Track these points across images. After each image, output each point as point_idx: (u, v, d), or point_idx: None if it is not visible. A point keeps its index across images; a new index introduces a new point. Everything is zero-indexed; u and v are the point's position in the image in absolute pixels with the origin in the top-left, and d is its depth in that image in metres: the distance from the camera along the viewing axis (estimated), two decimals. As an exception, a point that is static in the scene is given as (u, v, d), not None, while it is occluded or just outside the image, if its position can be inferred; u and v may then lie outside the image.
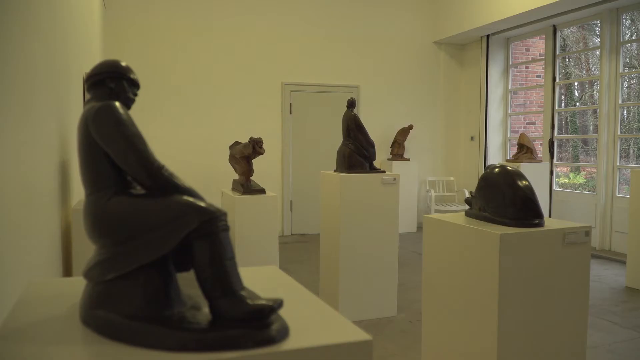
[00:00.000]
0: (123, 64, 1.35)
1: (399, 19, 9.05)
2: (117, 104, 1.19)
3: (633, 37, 10.88)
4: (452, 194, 9.37)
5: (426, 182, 9.27)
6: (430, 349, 2.98)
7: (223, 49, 8.02)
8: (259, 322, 1.02)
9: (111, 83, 1.29)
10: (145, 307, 1.08)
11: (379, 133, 8.53)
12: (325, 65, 8.59)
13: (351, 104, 4.82)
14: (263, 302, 1.04)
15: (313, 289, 5.08)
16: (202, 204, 1.11)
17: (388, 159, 8.77)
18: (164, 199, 1.12)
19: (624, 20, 7.52)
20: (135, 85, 1.36)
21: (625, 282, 5.59)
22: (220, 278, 1.06)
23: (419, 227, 8.50)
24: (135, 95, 1.36)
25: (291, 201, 8.46)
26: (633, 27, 11.23)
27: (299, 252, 7.21)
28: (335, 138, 5.10)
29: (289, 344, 1.00)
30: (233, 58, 8.07)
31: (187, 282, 1.19)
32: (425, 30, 9.24)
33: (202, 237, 1.08)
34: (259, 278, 1.46)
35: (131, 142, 1.14)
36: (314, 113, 8.54)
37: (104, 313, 1.08)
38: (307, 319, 1.14)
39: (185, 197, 1.13)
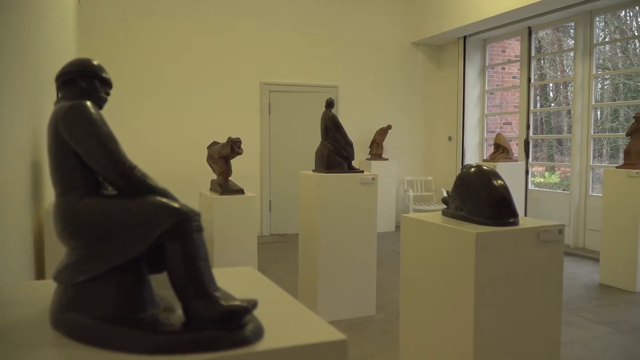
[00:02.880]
0: (95, 62, 1.33)
1: (378, 20, 9.09)
2: (88, 103, 1.17)
3: (606, 39, 11.09)
4: (430, 193, 9.44)
5: (404, 181, 9.33)
6: (408, 348, 3.00)
7: (201, 48, 7.96)
8: (233, 323, 1.01)
9: (82, 82, 1.27)
10: (116, 310, 1.07)
11: (358, 133, 8.55)
12: (304, 66, 8.58)
13: (329, 104, 4.82)
14: (237, 303, 1.03)
15: (292, 289, 5.07)
16: (176, 205, 1.10)
17: (367, 159, 8.80)
18: (136, 200, 1.11)
19: (597, 22, 7.66)
20: (107, 84, 1.34)
21: (599, 280, 5.69)
22: (194, 279, 1.05)
23: (398, 227, 8.54)
24: (108, 94, 1.34)
25: (270, 201, 8.44)
26: (606, 30, 11.46)
27: (278, 252, 7.19)
28: (314, 138, 5.10)
29: (264, 345, 1.00)
30: (211, 57, 8.02)
31: (161, 284, 1.18)
32: (403, 31, 9.30)
33: (175, 238, 1.07)
34: (235, 279, 1.45)
35: (102, 141, 1.12)
36: (292, 113, 8.52)
37: (75, 316, 1.06)
38: (283, 319, 1.13)
39: (158, 198, 1.11)
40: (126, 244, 1.07)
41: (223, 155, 6.00)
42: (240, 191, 5.96)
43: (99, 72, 1.31)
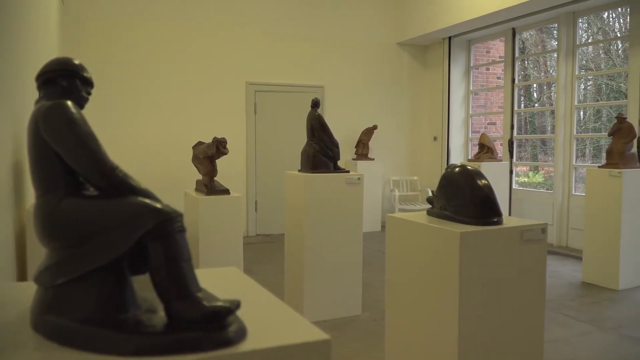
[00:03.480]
0: (76, 61, 1.31)
1: (364, 20, 9.11)
2: (69, 102, 1.16)
3: (589, 40, 11.22)
4: (415, 193, 9.48)
5: (390, 181, 9.36)
6: (394, 347, 3.01)
7: (186, 47, 7.91)
8: (216, 324, 1.01)
9: (63, 81, 1.26)
10: (98, 312, 1.06)
11: (344, 133, 8.56)
12: (290, 65, 8.57)
13: (315, 104, 4.82)
14: (220, 303, 1.03)
15: (278, 290, 5.06)
16: (158, 205, 1.09)
17: (353, 159, 8.81)
18: (118, 200, 1.10)
19: (580, 23, 7.74)
20: (88, 83, 1.32)
21: (582, 278, 5.76)
22: (176, 280, 1.04)
23: (384, 226, 8.57)
24: (89, 94, 1.33)
25: (256, 201, 8.42)
26: (589, 31, 11.60)
27: (264, 252, 7.17)
28: (300, 138, 5.10)
29: (247, 345, 1.00)
30: (196, 57, 7.97)
31: (143, 285, 1.17)
32: (389, 32, 9.33)
33: (157, 239, 1.06)
34: (219, 279, 1.44)
35: (83, 141, 1.11)
36: (278, 113, 8.51)
37: (55, 318, 1.05)
38: (266, 319, 1.13)
39: (140, 198, 1.10)
40: (107, 245, 1.06)
41: (208, 155, 5.97)
42: (226, 191, 5.94)
43: (80, 71, 1.29)
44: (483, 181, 2.65)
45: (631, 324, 4.41)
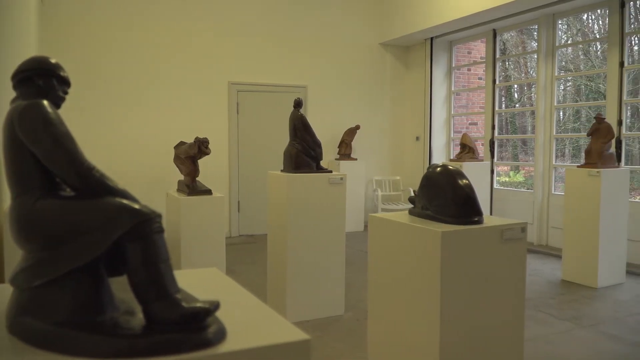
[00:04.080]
0: (52, 60, 1.29)
1: (346, 21, 9.12)
2: (45, 102, 1.14)
3: (569, 42, 11.38)
4: (398, 193, 9.52)
5: (373, 181, 9.39)
6: (376, 346, 3.02)
7: (168, 46, 7.85)
8: (195, 325, 1.00)
9: (39, 80, 1.24)
10: (75, 314, 1.04)
11: (327, 133, 8.56)
12: (272, 65, 8.55)
13: (298, 104, 4.82)
14: (199, 304, 1.02)
15: (261, 290, 5.04)
16: (136, 206, 1.08)
17: (335, 159, 8.82)
18: (95, 201, 1.08)
19: (560, 25, 7.84)
20: (65, 83, 1.30)
21: (562, 276, 5.83)
22: (155, 281, 1.03)
23: (366, 226, 8.57)
24: (66, 93, 1.31)
25: (238, 202, 8.38)
26: (569, 32, 11.76)
27: (247, 253, 7.15)
28: (283, 138, 5.09)
29: (226, 346, 0.99)
30: (178, 56, 7.91)
31: (121, 287, 1.16)
32: (371, 32, 9.36)
33: (135, 240, 1.05)
34: (199, 280, 1.43)
35: (59, 141, 1.10)
36: (261, 113, 8.49)
37: (31, 321, 1.03)
38: (246, 320, 1.12)
39: (118, 199, 1.09)
40: (84, 246, 1.05)
41: (190, 155, 5.93)
42: (208, 192, 5.91)
43: (57, 71, 1.27)
44: (464, 181, 2.66)
45: (610, 321, 4.48)
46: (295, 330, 1.04)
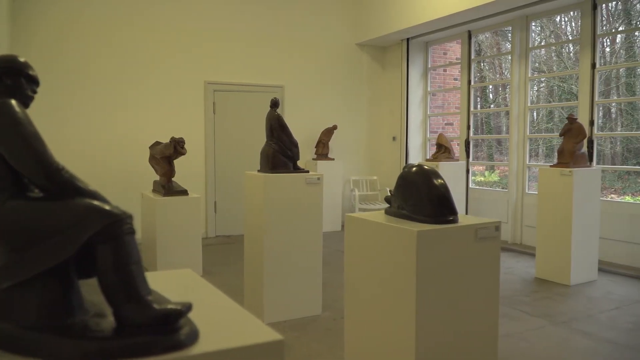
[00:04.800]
0: (21, 59, 1.27)
1: (323, 21, 9.13)
2: (13, 101, 1.12)
3: (542, 43, 11.57)
4: (375, 192, 9.56)
5: (350, 181, 9.42)
6: (353, 345, 3.03)
7: (143, 44, 7.75)
8: (167, 327, 0.99)
9: (7, 79, 1.21)
10: (44, 317, 1.02)
11: (304, 133, 8.55)
12: (249, 65, 8.51)
13: (274, 104, 4.80)
14: (171, 306, 1.01)
15: (238, 291, 5.02)
16: (106, 207, 1.06)
17: (313, 159, 8.82)
18: (64, 202, 1.06)
19: (533, 27, 7.97)
20: (34, 82, 1.28)
21: (535, 274, 5.92)
22: (125, 283, 1.02)
23: (344, 226, 8.61)
24: (35, 92, 1.28)
25: (215, 202, 8.33)
26: (542, 34, 11.96)
27: (224, 254, 7.11)
28: (260, 138, 5.07)
29: (199, 348, 0.98)
30: (153, 54, 7.82)
31: (91, 289, 1.14)
32: (348, 32, 9.38)
33: (105, 241, 1.03)
34: (172, 282, 1.42)
35: (28, 142, 1.07)
36: (238, 113, 8.44)
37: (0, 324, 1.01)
38: (219, 321, 1.12)
39: (87, 200, 1.07)
40: (53, 248, 1.03)
41: (166, 155, 5.89)
42: (184, 192, 5.87)
43: (25, 69, 1.25)
44: (439, 180, 2.69)
45: (582, 318, 4.57)
46: (269, 331, 1.04)
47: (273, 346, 1.00)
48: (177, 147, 5.83)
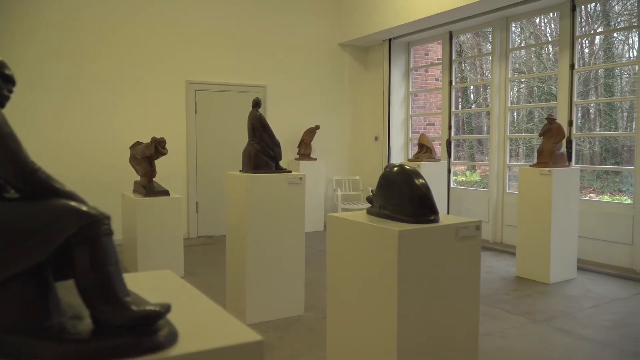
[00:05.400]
0: (-4, 58, 1.24)
1: (305, 21, 9.13)
2: (-12, 101, 1.10)
3: (522, 45, 11.69)
4: (358, 192, 9.59)
5: (333, 181, 9.43)
6: (335, 345, 3.04)
7: (123, 43, 7.67)
8: (145, 328, 0.98)
9: (-18, 79, 1.19)
10: (20, 319, 1.01)
11: (286, 133, 8.55)
12: (231, 65, 8.48)
13: (256, 104, 4.79)
14: (149, 307, 1.00)
15: (220, 292, 4.99)
16: (83, 207, 1.05)
17: (295, 159, 8.82)
18: (40, 203, 1.05)
19: (513, 28, 8.04)
20: (10, 81, 1.26)
21: (516, 272, 5.99)
22: (103, 284, 1.01)
23: (326, 226, 8.61)
24: (11, 92, 1.26)
25: (197, 202, 8.28)
26: (522, 35, 12.09)
27: (206, 254, 7.07)
28: (242, 138, 5.05)
29: (177, 349, 0.97)
30: (134, 54, 7.75)
31: (69, 291, 1.12)
32: (330, 33, 9.39)
33: (82, 243, 1.02)
34: (152, 283, 1.40)
35: (4, 142, 1.06)
36: (220, 113, 8.40)
37: (-27, 327, 0.99)
38: (199, 322, 1.11)
39: (64, 201, 1.06)
40: (29, 249, 1.01)
41: (147, 155, 5.84)
42: (165, 192, 5.83)
43: (1, 69, 1.23)
44: (420, 180, 2.71)
45: (561, 315, 4.63)
46: (248, 332, 1.04)
47: (253, 347, 1.00)
48: (158, 147, 5.79)
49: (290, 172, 4.70)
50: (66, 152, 7.23)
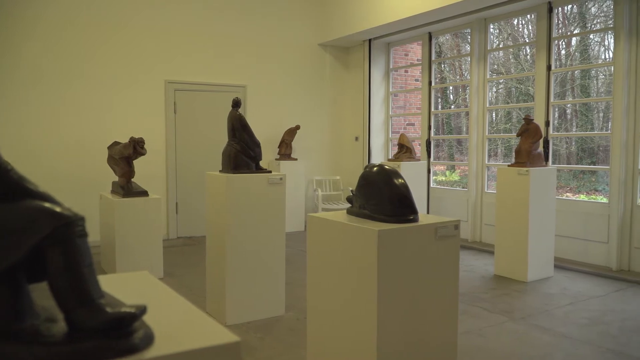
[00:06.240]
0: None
1: (286, 20, 9.11)
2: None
3: (500, 46, 11.83)
4: (338, 192, 9.60)
5: (313, 181, 9.43)
6: (316, 345, 3.04)
7: (100, 42, 7.57)
8: (120, 331, 0.97)
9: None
10: (-9, 322, 0.99)
11: (267, 133, 8.53)
12: (211, 64, 8.42)
13: (236, 104, 4.77)
14: (124, 309, 0.98)
15: (200, 293, 4.97)
16: (56, 209, 1.03)
17: (276, 159, 8.80)
18: (13, 204, 1.03)
19: (492, 29, 8.14)
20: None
21: (494, 271, 6.06)
22: (77, 286, 0.99)
23: (307, 226, 8.61)
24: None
25: (177, 203, 8.21)
26: (500, 36, 12.23)
27: (186, 255, 7.01)
28: (222, 138, 5.03)
29: (153, 351, 0.96)
30: (112, 53, 7.65)
31: (42, 293, 1.10)
32: (311, 32, 9.39)
33: (56, 244, 1.00)
34: (129, 285, 1.39)
35: (-27, 141, 1.03)
36: (199, 113, 8.35)
37: (-58, 331, 0.97)
38: (175, 324, 1.10)
39: (37, 202, 1.04)
40: (1, 252, 0.99)
41: (125, 156, 5.78)
42: (144, 193, 5.77)
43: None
44: (399, 180, 2.72)
45: (538, 313, 4.69)
46: (226, 333, 1.03)
47: (230, 348, 0.99)
48: (136, 147, 5.73)
49: (270, 172, 4.69)
50: (42, 152, 7.12)
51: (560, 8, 7.08)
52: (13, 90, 6.95)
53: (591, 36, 11.25)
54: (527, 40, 12.02)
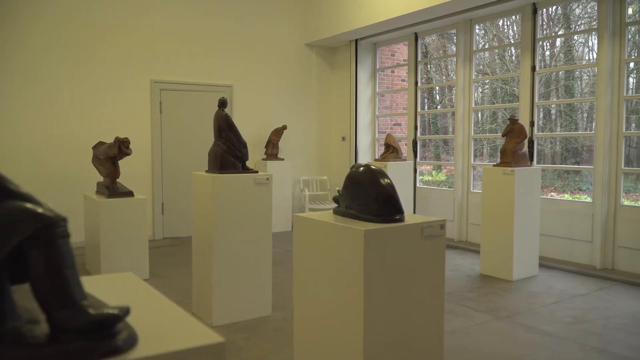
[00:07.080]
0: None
1: (272, 20, 9.09)
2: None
3: (486, 46, 11.91)
4: (325, 192, 9.61)
5: (300, 181, 9.42)
6: (302, 345, 3.03)
7: (86, 42, 7.50)
8: (103, 332, 0.96)
9: None
10: (-28, 325, 0.97)
11: (253, 133, 8.52)
12: (197, 64, 8.38)
13: (222, 104, 4.75)
14: (108, 310, 0.98)
15: (186, 294, 4.94)
16: (38, 209, 1.02)
17: (262, 159, 8.78)
18: (-7, 205, 1.02)
19: (477, 30, 8.19)
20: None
21: (480, 270, 6.10)
22: (59, 288, 0.98)
23: (293, 226, 8.59)
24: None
25: (162, 203, 8.16)
26: (486, 37, 12.32)
27: (172, 256, 6.97)
28: (208, 138, 5.01)
29: (137, 353, 0.96)
30: (97, 52, 7.58)
31: (24, 295, 1.09)
32: (297, 32, 9.38)
33: (38, 245, 0.99)
34: (113, 286, 1.38)
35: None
36: (185, 112, 8.30)
37: None
38: (159, 325, 1.09)
39: (19, 202, 1.03)
40: (-19, 253, 0.98)
41: (110, 156, 5.73)
42: (129, 193, 5.73)
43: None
44: (386, 180, 2.73)
45: (524, 312, 4.73)
46: (210, 333, 1.02)
47: (214, 349, 0.99)
48: (121, 147, 5.69)
49: (257, 172, 4.68)
50: (26, 152, 7.03)
51: (544, 9, 7.14)
52: (-4, 89, 6.86)
53: (575, 37, 11.37)
54: (512, 41, 12.12)
